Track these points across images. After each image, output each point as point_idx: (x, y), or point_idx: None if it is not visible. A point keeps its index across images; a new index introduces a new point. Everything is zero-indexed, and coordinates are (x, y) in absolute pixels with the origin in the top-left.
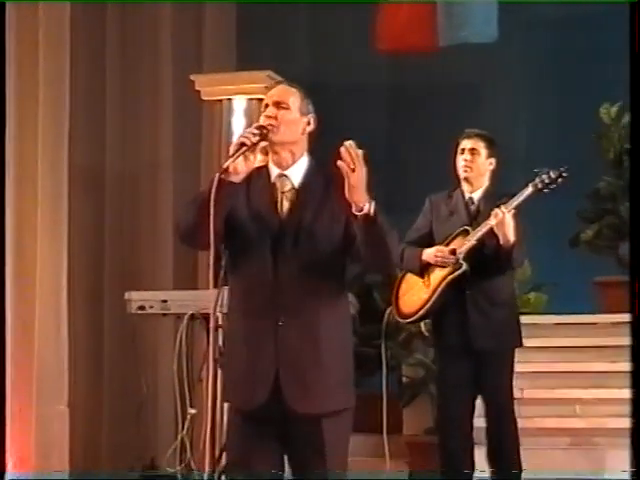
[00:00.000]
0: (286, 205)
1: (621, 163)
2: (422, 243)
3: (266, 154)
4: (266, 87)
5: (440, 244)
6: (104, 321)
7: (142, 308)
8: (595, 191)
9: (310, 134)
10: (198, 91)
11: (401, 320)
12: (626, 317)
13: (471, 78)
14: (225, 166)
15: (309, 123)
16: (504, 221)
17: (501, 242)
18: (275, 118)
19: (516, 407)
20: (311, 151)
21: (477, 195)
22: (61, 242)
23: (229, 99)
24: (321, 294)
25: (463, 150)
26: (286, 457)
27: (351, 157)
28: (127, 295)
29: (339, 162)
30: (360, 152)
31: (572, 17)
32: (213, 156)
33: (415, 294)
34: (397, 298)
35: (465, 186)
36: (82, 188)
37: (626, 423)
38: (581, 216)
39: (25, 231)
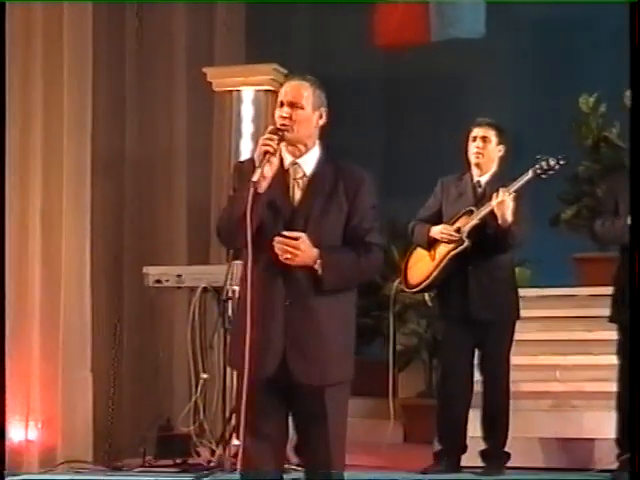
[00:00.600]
0: (298, 192)
1: (598, 149)
2: (431, 220)
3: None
4: (272, 79)
5: (447, 222)
6: (124, 294)
7: (159, 282)
8: (574, 175)
9: (322, 127)
10: (210, 83)
11: (408, 290)
12: (602, 290)
13: (460, 70)
14: (256, 179)
15: (321, 116)
16: (504, 203)
17: (500, 222)
18: (290, 118)
19: None
20: (322, 140)
21: (485, 179)
22: (84, 221)
23: (238, 90)
24: None
25: (475, 138)
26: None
27: (287, 247)
28: (145, 270)
29: (281, 257)
30: (295, 235)
31: (554, 16)
32: (224, 142)
33: (421, 267)
34: (406, 270)
35: (475, 170)
36: (103, 172)
37: (602, 387)
38: (561, 198)
39: (52, 212)
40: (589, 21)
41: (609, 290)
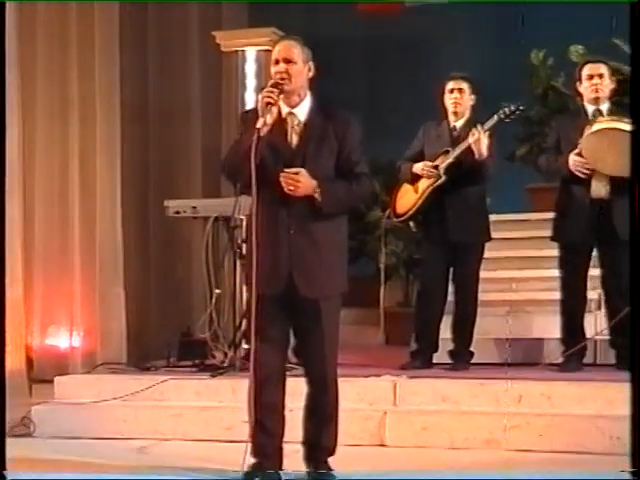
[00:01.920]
0: (295, 137)
1: (547, 96)
2: (415, 159)
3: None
4: (271, 40)
5: (428, 161)
6: (150, 223)
7: (177, 212)
8: (527, 118)
9: (311, 79)
10: (218, 44)
11: (396, 219)
12: (550, 215)
13: (429, 30)
14: (260, 126)
15: (310, 69)
16: (480, 139)
17: (476, 156)
18: (286, 72)
19: None
20: (312, 90)
21: (459, 124)
22: (115, 162)
23: (243, 50)
24: None
25: (452, 90)
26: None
27: (290, 180)
28: (166, 203)
29: (286, 189)
30: (295, 170)
31: None
32: (231, 94)
33: (407, 199)
34: (395, 202)
35: (451, 117)
36: (131, 120)
37: (550, 295)
38: (516, 137)
39: (87, 154)
40: None
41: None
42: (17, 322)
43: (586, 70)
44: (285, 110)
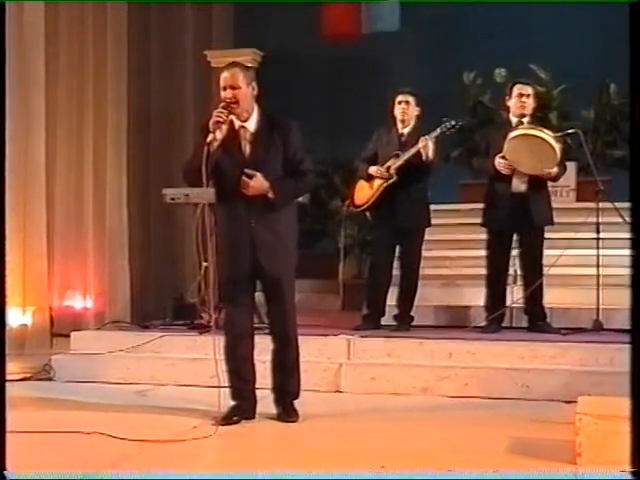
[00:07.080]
0: (248, 146)
1: (475, 109)
2: (370, 160)
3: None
4: (253, 58)
5: (381, 162)
6: (150, 207)
7: (173, 199)
8: (460, 127)
9: (257, 95)
10: (209, 61)
11: (354, 209)
12: (478, 205)
13: (382, 53)
14: (209, 140)
15: (253, 89)
16: (428, 145)
17: (424, 158)
18: (233, 97)
19: None
20: (259, 103)
21: (406, 131)
22: (122, 156)
23: None
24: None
25: (400, 102)
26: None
27: (244, 183)
28: (164, 191)
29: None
30: (252, 174)
31: (447, 14)
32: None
33: (363, 193)
34: (353, 195)
35: (399, 125)
36: (136, 121)
37: (477, 271)
38: (450, 142)
39: (99, 149)
40: (471, 17)
41: (481, 205)
42: (41, 287)
43: (516, 90)
44: (238, 124)
